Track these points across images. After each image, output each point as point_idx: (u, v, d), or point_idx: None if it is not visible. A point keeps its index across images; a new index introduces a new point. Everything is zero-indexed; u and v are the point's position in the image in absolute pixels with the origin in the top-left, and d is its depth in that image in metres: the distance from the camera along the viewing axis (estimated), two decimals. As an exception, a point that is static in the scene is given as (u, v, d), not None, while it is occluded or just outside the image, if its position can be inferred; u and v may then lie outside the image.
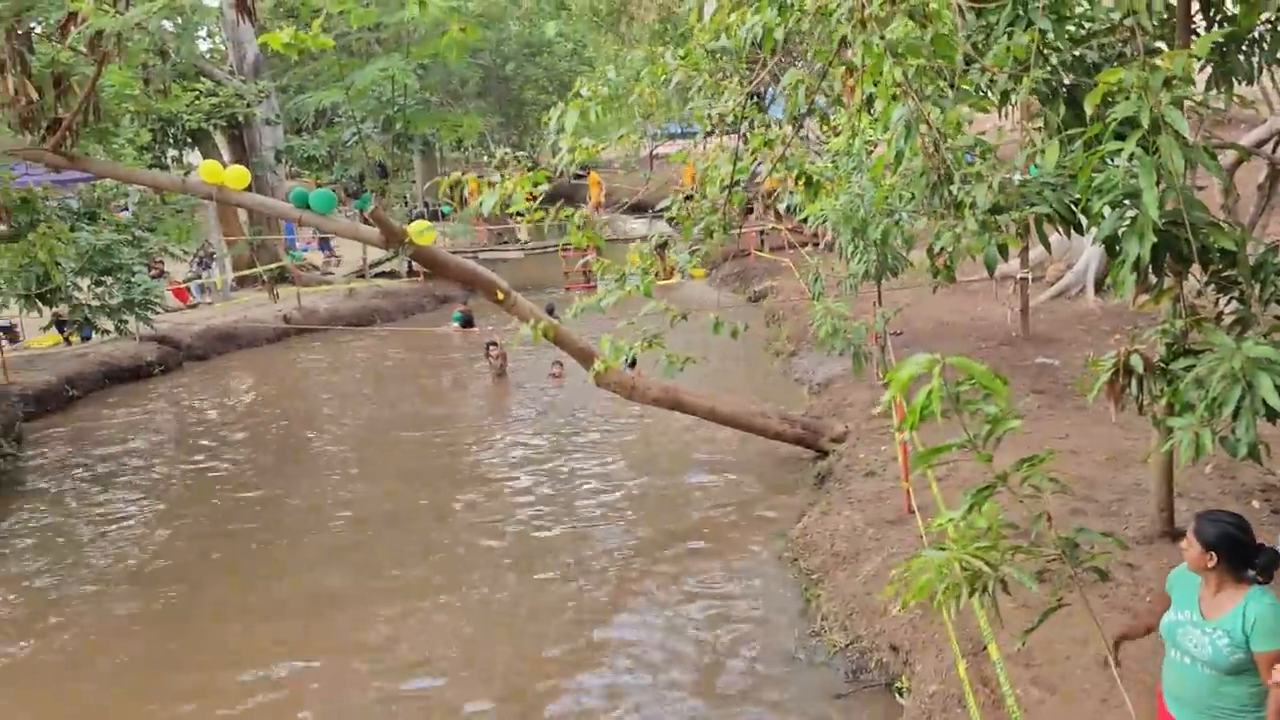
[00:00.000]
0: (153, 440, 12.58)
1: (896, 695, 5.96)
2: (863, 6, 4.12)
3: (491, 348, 13.71)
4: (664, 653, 6.90)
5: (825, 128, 8.06)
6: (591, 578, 8.13)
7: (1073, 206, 4.29)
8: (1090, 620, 3.76)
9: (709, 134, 8.14)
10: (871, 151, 6.09)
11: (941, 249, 4.47)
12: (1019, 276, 11.96)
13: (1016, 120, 6.57)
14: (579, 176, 23.21)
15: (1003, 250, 4.42)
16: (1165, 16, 4.90)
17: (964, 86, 4.69)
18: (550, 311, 12.24)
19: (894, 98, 4.52)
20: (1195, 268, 4.13)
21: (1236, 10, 4.85)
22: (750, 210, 15.29)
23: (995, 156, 4.54)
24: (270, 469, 11.26)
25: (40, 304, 11.19)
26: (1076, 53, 4.72)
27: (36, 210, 10.33)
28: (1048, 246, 4.95)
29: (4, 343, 13.55)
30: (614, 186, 27.12)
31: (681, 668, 6.70)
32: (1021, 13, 4.39)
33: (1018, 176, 4.40)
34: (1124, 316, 11.44)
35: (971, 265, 12.58)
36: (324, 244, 22.17)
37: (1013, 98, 4.63)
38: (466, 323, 16.95)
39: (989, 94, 4.74)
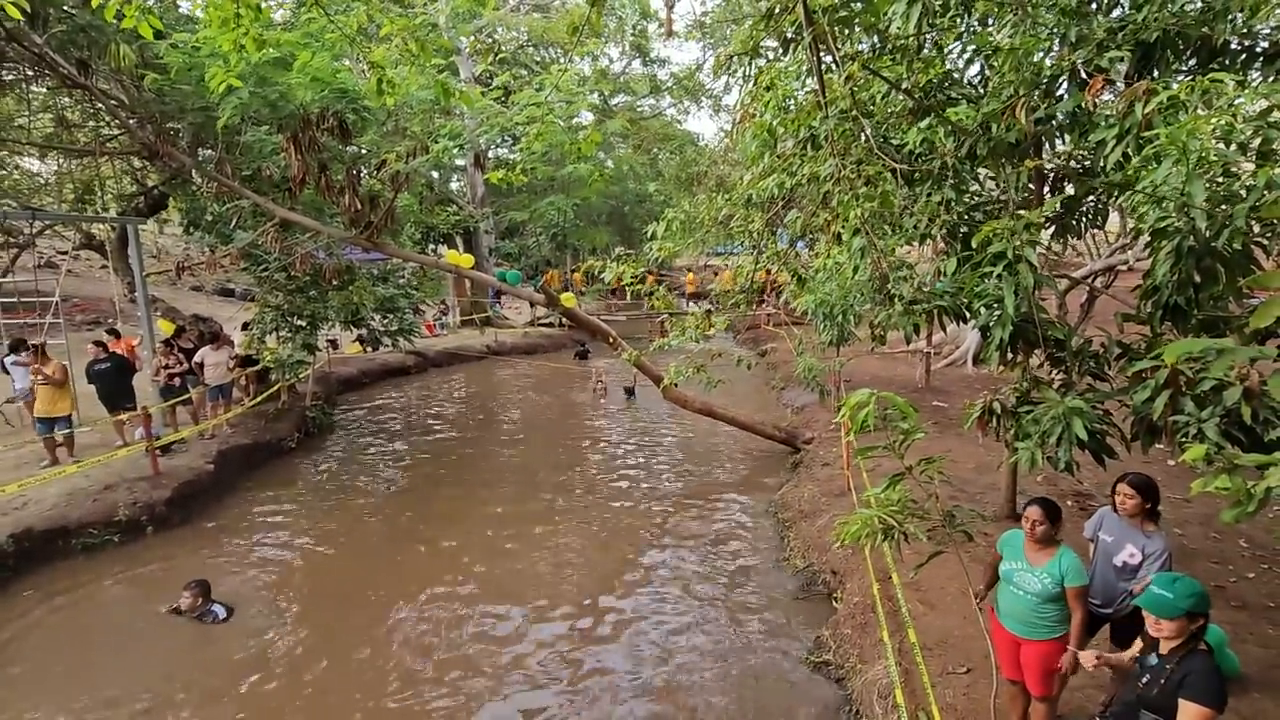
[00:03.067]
0: (406, 410, 14.78)
1: (833, 601, 6.40)
2: (839, 173, 4.36)
3: (598, 384, 15.44)
4: (695, 558, 7.58)
5: (811, 250, 8.25)
6: (653, 513, 8.83)
7: (961, 306, 4.50)
8: (959, 564, 3.85)
9: (734, 252, 8.40)
10: (839, 266, 6.28)
11: (878, 324, 4.66)
12: (925, 350, 13.04)
13: (930, 251, 6.66)
14: (663, 276, 24.49)
15: (916, 329, 4.59)
16: (1027, 194, 5.00)
17: (899, 227, 5.10)
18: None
19: (855, 232, 4.93)
20: (1038, 350, 4.32)
21: (1072, 190, 4.98)
22: (763, 300, 15.55)
23: (914, 272, 4.92)
24: (470, 431, 12.99)
25: (352, 328, 12.36)
26: (970, 211, 4.83)
27: (354, 274, 12.73)
28: (945, 329, 5.06)
29: (330, 350, 16.37)
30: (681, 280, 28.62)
31: (703, 568, 7.37)
32: (937, 184, 4.54)
33: (928, 285, 4.52)
34: (991, 379, 12.81)
35: (895, 341, 12.63)
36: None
37: (929, 236, 4.77)
38: (583, 355, 19.32)
39: (914, 232, 5.07)
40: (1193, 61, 4.32)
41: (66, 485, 8.17)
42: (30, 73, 10.34)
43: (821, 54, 4.57)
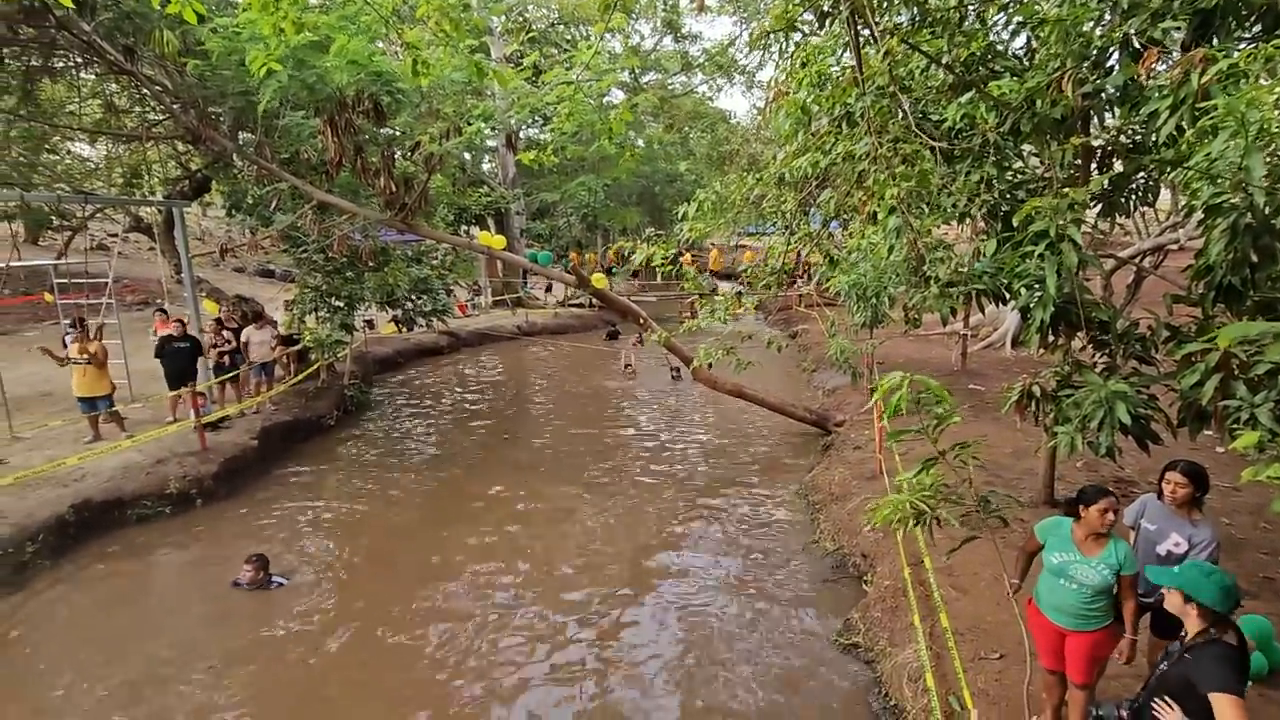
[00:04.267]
0: (440, 388, 15.02)
1: (864, 584, 6.40)
2: (875, 151, 4.24)
3: (627, 367, 15.60)
4: (723, 538, 7.63)
5: (844, 231, 8.08)
6: (682, 493, 8.91)
7: (1001, 286, 4.47)
8: (993, 549, 3.77)
9: (766, 233, 8.29)
10: (874, 246, 6.13)
11: (913, 306, 4.56)
12: (962, 332, 12.76)
13: (969, 231, 6.44)
14: (696, 254, 24.54)
15: (952, 311, 4.59)
16: (1073, 171, 4.81)
17: (937, 206, 4.99)
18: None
19: (891, 211, 4.80)
20: (1081, 333, 4.12)
21: (1121, 167, 4.77)
22: (794, 281, 15.42)
23: (952, 252, 4.77)
24: (502, 410, 13.21)
25: (387, 308, 13.79)
26: (1012, 190, 4.67)
27: (389, 255, 12.95)
28: (983, 311, 4.93)
29: (367, 330, 16.72)
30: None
31: (732, 548, 7.41)
32: (977, 161, 4.40)
33: (966, 266, 4.39)
34: (1030, 362, 12.37)
35: (930, 323, 12.40)
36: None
37: (968, 215, 4.59)
38: (612, 335, 19.61)
39: (953, 211, 4.98)
40: (1257, 28, 4.06)
41: (121, 459, 8.53)
42: (79, 60, 10.65)
43: (859, 28, 4.43)
